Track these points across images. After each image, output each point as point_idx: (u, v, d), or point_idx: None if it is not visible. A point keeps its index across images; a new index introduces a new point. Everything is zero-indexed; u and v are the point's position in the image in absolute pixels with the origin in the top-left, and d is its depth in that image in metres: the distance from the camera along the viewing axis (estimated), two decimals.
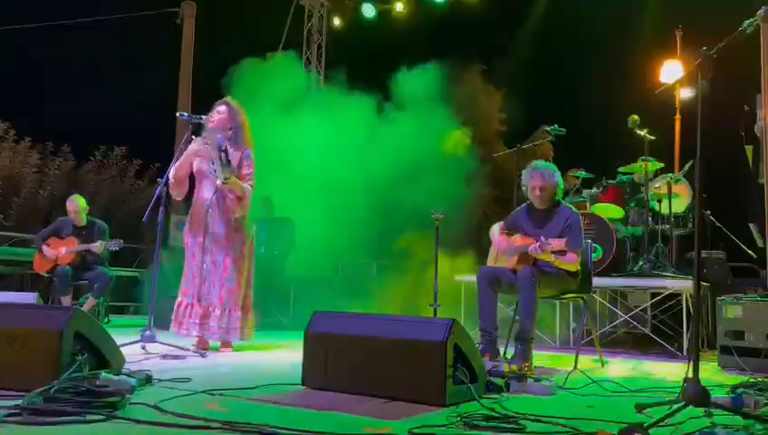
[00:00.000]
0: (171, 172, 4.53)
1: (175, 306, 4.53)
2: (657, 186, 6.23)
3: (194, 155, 4.55)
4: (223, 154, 4.35)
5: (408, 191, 7.73)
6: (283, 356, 4.45)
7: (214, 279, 4.46)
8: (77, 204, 6.40)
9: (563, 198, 4.52)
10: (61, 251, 6.24)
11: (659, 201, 6.23)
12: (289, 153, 8.18)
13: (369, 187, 8.15)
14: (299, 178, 8.38)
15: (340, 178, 8.42)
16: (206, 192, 4.55)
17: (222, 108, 4.64)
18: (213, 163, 4.47)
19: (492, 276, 4.20)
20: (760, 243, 6.36)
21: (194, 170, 4.60)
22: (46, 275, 6.40)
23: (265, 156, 5.47)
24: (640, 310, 5.92)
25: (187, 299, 4.50)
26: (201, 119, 4.61)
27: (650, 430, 2.17)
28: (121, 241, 6.26)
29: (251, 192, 4.60)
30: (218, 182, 4.43)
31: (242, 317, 4.52)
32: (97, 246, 6.19)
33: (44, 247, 6.27)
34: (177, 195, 4.64)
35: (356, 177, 8.39)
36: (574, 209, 4.33)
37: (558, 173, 4.31)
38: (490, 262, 4.47)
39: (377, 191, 8.03)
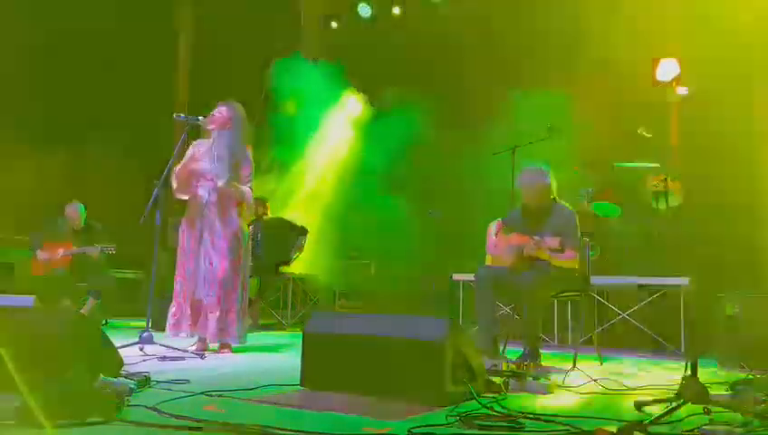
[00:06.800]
0: (174, 175, 4.54)
1: (170, 311, 4.51)
2: (653, 183, 6.23)
3: (194, 159, 4.55)
4: (233, 157, 4.39)
5: (405, 189, 7.72)
6: (282, 357, 4.45)
7: (211, 280, 4.44)
8: (78, 210, 6.49)
9: (560, 197, 4.53)
10: (58, 253, 6.24)
11: (656, 199, 6.23)
12: None
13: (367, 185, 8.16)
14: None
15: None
16: (202, 192, 4.54)
17: (222, 108, 4.65)
18: (213, 163, 4.47)
19: (490, 275, 4.20)
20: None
21: (189, 170, 4.60)
22: (44, 276, 6.39)
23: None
24: (638, 308, 5.92)
25: (181, 302, 4.48)
26: (198, 120, 4.61)
27: (649, 428, 2.17)
28: (114, 246, 6.29)
29: (251, 194, 4.62)
30: (220, 183, 4.42)
31: (239, 319, 4.50)
32: (94, 251, 6.19)
33: (38, 252, 6.29)
34: (182, 194, 4.63)
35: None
36: (569, 207, 4.33)
37: (551, 173, 4.32)
38: (488, 261, 4.48)
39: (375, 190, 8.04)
